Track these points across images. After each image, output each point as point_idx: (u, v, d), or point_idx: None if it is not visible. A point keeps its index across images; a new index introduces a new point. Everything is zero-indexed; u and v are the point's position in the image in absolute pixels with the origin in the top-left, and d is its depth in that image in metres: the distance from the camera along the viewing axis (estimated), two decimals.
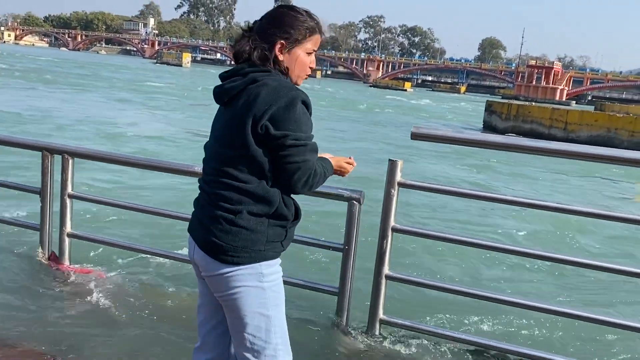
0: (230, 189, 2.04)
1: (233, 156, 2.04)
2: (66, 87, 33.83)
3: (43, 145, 4.49)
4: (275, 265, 2.14)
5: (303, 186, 2.07)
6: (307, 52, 2.18)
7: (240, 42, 2.12)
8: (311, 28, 2.16)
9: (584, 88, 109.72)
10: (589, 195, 14.28)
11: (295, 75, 2.18)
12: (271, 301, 2.12)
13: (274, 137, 1.98)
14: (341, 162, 2.39)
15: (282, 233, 2.13)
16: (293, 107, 1.99)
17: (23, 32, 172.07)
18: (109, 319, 3.71)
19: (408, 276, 3.87)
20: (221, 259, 2.05)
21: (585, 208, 3.55)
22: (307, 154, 2.04)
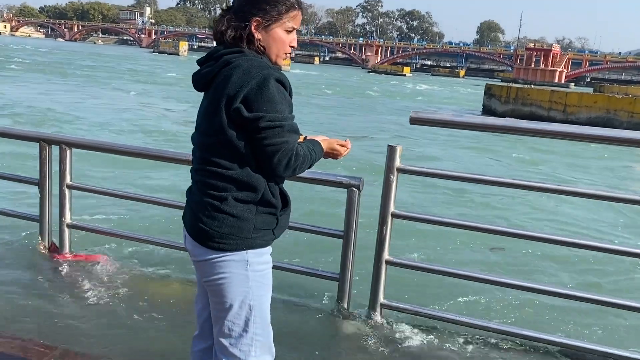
0: (215, 177, 2.02)
1: (213, 143, 2.00)
2: (93, 82, 32.88)
3: (40, 136, 4.48)
4: (264, 254, 2.10)
5: (285, 169, 1.98)
6: (287, 29, 2.09)
7: (218, 23, 2.06)
8: (289, 4, 2.07)
9: (582, 70, 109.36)
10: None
11: (273, 54, 2.09)
12: (255, 291, 2.09)
13: (247, 119, 1.91)
14: (334, 144, 2.28)
15: (273, 221, 2.08)
16: (265, 86, 1.90)
17: (19, 23, 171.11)
18: (109, 309, 3.72)
19: (408, 261, 3.88)
20: (207, 245, 2.04)
21: (585, 189, 3.56)
22: (285, 134, 1.95)
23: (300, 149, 2.02)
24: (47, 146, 4.39)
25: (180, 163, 4.10)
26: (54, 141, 4.40)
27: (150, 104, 23.72)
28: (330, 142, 2.28)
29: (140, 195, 4.61)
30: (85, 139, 4.86)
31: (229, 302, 2.08)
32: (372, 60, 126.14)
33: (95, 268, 4.32)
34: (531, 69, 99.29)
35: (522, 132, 3.50)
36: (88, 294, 3.91)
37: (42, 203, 4.48)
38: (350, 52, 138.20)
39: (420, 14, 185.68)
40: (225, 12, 2.08)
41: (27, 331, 3.36)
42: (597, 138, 3.33)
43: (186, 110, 21.98)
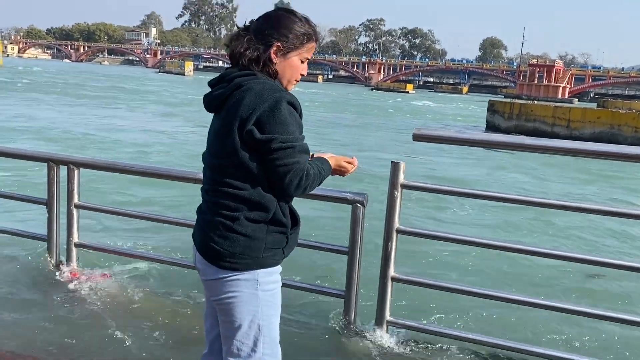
0: (227, 197, 2.05)
1: (225, 164, 2.04)
2: (115, 103, 32.44)
3: (48, 156, 4.53)
4: (273, 274, 2.12)
5: (296, 189, 2.03)
6: (301, 58, 2.16)
7: (236, 42, 2.09)
8: (309, 35, 2.14)
9: (586, 85, 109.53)
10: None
11: (286, 80, 2.15)
12: (264, 310, 2.10)
13: (260, 141, 1.96)
14: (341, 161, 2.31)
15: (283, 240, 2.11)
16: (277, 109, 1.95)
17: (26, 45, 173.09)
18: (116, 328, 3.73)
19: (414, 277, 3.88)
20: (219, 264, 2.06)
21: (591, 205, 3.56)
22: (296, 155, 1.99)
23: (310, 168, 2.05)
24: (55, 166, 4.44)
25: (188, 182, 4.14)
26: (61, 161, 4.45)
27: (180, 126, 23.52)
28: (338, 159, 2.30)
29: (146, 214, 4.64)
30: (92, 158, 4.92)
31: (238, 322, 2.09)
32: (375, 78, 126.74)
33: (102, 286, 4.33)
34: (534, 84, 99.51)
35: (525, 149, 3.53)
36: (94, 312, 3.93)
37: (50, 222, 4.52)
38: (353, 70, 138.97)
39: (423, 32, 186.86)
40: (245, 33, 2.10)
41: (32, 349, 3.37)
42: (602, 154, 3.34)
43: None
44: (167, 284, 4.63)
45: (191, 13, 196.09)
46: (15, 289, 4.30)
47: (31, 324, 3.73)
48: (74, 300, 4.12)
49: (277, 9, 2.18)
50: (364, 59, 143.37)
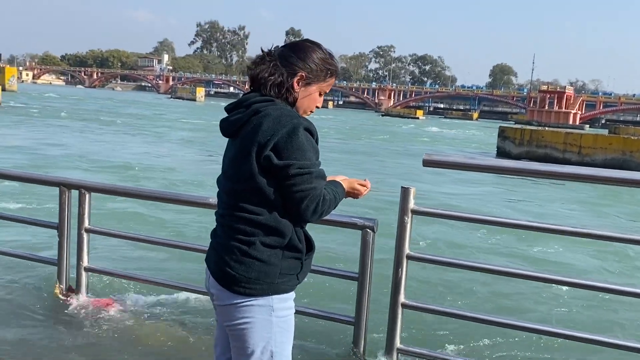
0: (243, 221, 2.05)
1: (242, 189, 2.05)
2: (145, 132, 31.20)
3: (60, 180, 4.57)
4: (288, 300, 2.12)
5: (313, 214, 2.04)
6: (320, 91, 2.20)
7: (260, 66, 2.11)
8: (332, 71, 2.18)
9: (597, 112, 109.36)
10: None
11: (302, 109, 2.18)
12: (277, 337, 2.10)
13: (277, 167, 1.98)
14: (354, 184, 2.33)
15: (297, 265, 2.11)
16: (295, 135, 1.98)
17: (41, 71, 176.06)
18: (124, 353, 3.71)
19: (425, 304, 3.84)
20: (234, 289, 2.05)
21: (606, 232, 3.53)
22: (313, 181, 2.01)
23: (326, 193, 2.07)
24: (66, 190, 4.48)
25: (198, 206, 4.15)
26: (73, 185, 4.48)
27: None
28: (351, 182, 2.33)
29: (156, 239, 4.65)
30: (103, 183, 4.95)
31: (250, 348, 2.08)
32: (385, 104, 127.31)
33: (111, 312, 4.32)
34: (545, 111, 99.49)
35: (535, 175, 3.51)
36: (103, 337, 3.92)
37: (61, 246, 4.54)
38: (364, 96, 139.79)
39: (433, 59, 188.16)
40: (270, 58, 2.12)
41: None
42: (614, 180, 3.32)
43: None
44: (177, 310, 4.60)
45: (203, 40, 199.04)
46: (24, 313, 4.30)
47: (40, 348, 3.72)
48: (83, 325, 4.11)
49: (304, 40, 2.22)
50: (374, 85, 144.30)
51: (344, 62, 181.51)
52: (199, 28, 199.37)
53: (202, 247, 4.19)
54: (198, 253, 4.28)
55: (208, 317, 4.30)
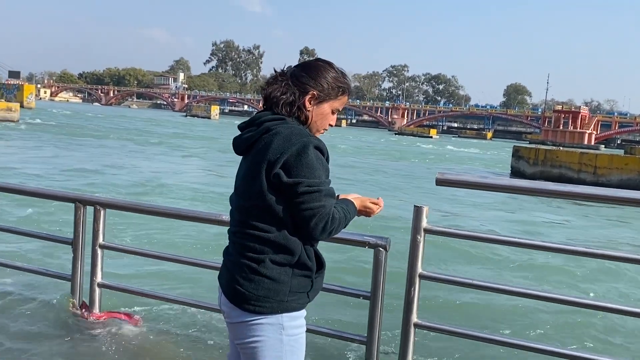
0: (253, 239, 2.06)
1: (252, 206, 2.07)
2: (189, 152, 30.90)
3: (76, 197, 4.62)
4: (298, 318, 2.11)
5: (321, 232, 2.04)
6: (333, 109, 2.22)
7: (273, 85, 2.15)
8: (344, 89, 2.21)
9: (612, 132, 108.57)
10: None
11: (315, 128, 2.20)
12: (288, 356, 2.09)
13: (287, 184, 1.99)
14: (366, 202, 2.32)
15: (308, 284, 2.11)
16: (305, 153, 1.99)
17: (58, 88, 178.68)
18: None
19: (437, 324, 3.81)
20: (243, 307, 2.06)
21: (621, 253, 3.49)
22: (322, 199, 2.02)
23: (336, 212, 2.07)
24: (82, 207, 4.52)
25: (211, 223, 4.17)
26: (88, 202, 4.53)
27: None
28: (363, 200, 2.32)
29: (170, 255, 4.67)
30: (118, 199, 5.00)
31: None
32: (399, 123, 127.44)
33: (125, 328, 4.34)
34: (559, 130, 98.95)
35: (549, 195, 3.49)
36: (115, 353, 3.93)
37: (75, 262, 4.57)
38: (377, 115, 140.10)
39: (446, 78, 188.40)
40: (283, 77, 2.16)
41: None
42: (630, 201, 3.29)
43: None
44: (189, 327, 4.60)
45: (218, 59, 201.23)
46: (37, 329, 4.33)
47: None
48: (95, 340, 4.12)
49: (316, 59, 2.25)
50: (388, 104, 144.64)
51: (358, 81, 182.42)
52: (215, 47, 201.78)
53: (215, 263, 4.21)
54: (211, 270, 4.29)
55: (220, 335, 4.30)
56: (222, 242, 2.27)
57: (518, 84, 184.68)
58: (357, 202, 2.28)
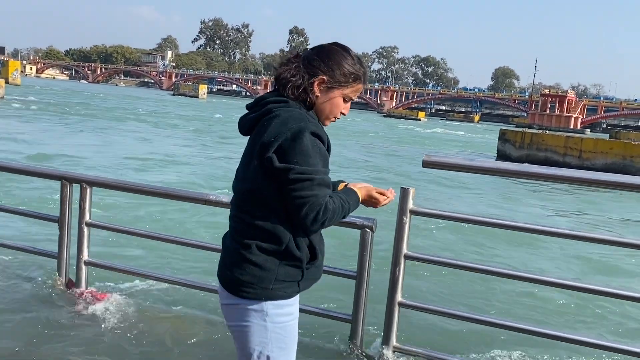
0: (244, 223, 2.04)
1: (245, 190, 2.03)
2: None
3: (62, 174, 4.59)
4: (285, 306, 2.06)
5: (312, 222, 1.94)
6: (345, 97, 2.11)
7: (284, 67, 2.08)
8: (357, 76, 2.11)
9: (598, 116, 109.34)
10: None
11: (324, 115, 2.10)
12: (274, 343, 2.06)
13: (278, 170, 1.92)
14: (372, 192, 2.21)
15: (297, 273, 2.05)
16: (299, 138, 1.91)
17: (44, 65, 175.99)
18: (122, 347, 3.74)
19: (421, 303, 3.87)
20: (230, 290, 2.06)
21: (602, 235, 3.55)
22: (314, 188, 1.92)
23: (330, 202, 1.98)
24: (68, 184, 4.50)
25: (198, 202, 4.18)
26: (75, 179, 4.51)
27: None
28: (369, 189, 2.22)
29: (157, 234, 4.68)
30: (105, 178, 4.97)
31: (247, 351, 2.08)
32: (387, 105, 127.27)
33: (110, 305, 4.35)
34: (546, 114, 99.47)
35: (533, 177, 3.53)
36: (101, 331, 3.95)
37: (61, 240, 4.56)
38: (366, 97, 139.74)
39: (435, 60, 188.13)
40: (295, 60, 2.09)
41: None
42: (612, 184, 3.34)
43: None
44: (175, 304, 4.63)
45: (207, 37, 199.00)
46: (24, 306, 4.33)
47: (38, 341, 3.75)
48: (82, 318, 4.14)
49: (332, 43, 2.15)
50: (377, 86, 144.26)
51: None
52: (203, 25, 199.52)
53: (202, 243, 4.24)
54: (198, 249, 4.32)
55: (206, 312, 4.34)
56: (209, 222, 2.28)
57: (506, 67, 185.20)
58: (362, 192, 2.19)
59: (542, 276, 3.77)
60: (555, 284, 3.66)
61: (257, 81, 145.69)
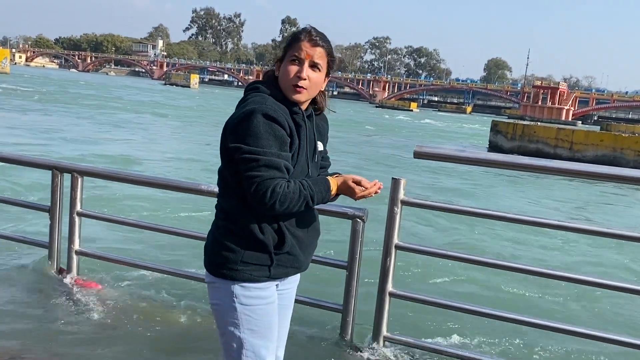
0: (217, 205, 2.16)
1: (219, 172, 2.13)
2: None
3: (53, 164, 4.58)
4: (253, 289, 2.09)
5: (261, 204, 1.95)
6: (291, 59, 2.08)
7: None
8: (288, 39, 2.14)
9: (589, 108, 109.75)
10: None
11: (284, 85, 2.09)
12: (244, 324, 2.10)
13: (229, 150, 1.99)
14: (348, 181, 2.17)
15: (265, 258, 2.07)
16: (249, 120, 1.95)
17: (34, 54, 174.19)
18: (113, 335, 3.76)
19: (412, 293, 3.90)
20: (207, 268, 2.16)
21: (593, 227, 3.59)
22: (260, 169, 1.93)
23: (283, 184, 1.96)
24: (59, 174, 4.49)
25: (190, 192, 4.18)
26: (66, 169, 4.50)
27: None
28: (346, 178, 2.18)
29: (148, 224, 4.68)
30: (96, 167, 4.96)
31: (222, 329, 2.16)
32: (380, 96, 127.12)
33: (101, 294, 4.36)
34: (538, 106, 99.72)
35: (524, 169, 3.56)
36: (92, 319, 3.95)
37: (52, 230, 4.56)
38: (358, 88, 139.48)
39: (428, 51, 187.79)
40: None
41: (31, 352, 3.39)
42: (602, 176, 3.36)
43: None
44: (165, 293, 4.64)
45: (198, 26, 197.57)
46: (15, 295, 4.33)
47: (28, 329, 3.75)
48: (73, 307, 4.14)
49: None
50: (369, 77, 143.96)
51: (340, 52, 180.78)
52: (195, 14, 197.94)
53: (193, 232, 4.23)
54: (188, 239, 4.32)
55: (195, 300, 4.35)
56: (201, 211, 2.30)
57: (499, 58, 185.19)
58: (338, 180, 2.18)
59: (531, 267, 3.80)
60: (543, 274, 3.69)
61: (249, 71, 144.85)
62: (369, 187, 2.18)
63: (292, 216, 2.09)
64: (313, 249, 2.28)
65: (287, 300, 2.35)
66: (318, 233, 2.27)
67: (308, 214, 2.17)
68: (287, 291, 2.32)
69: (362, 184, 2.17)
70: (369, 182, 2.19)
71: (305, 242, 2.18)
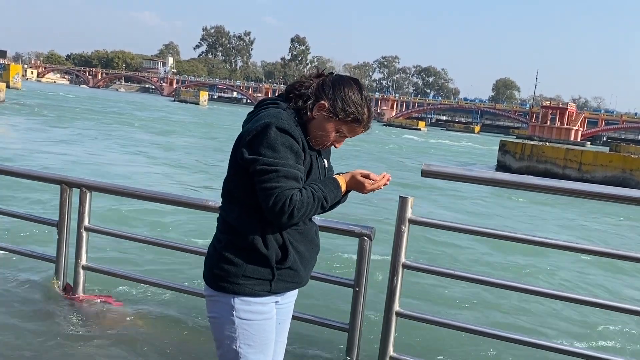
0: (220, 219, 2.15)
1: (225, 184, 2.12)
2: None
3: (61, 178, 4.60)
4: (254, 304, 2.09)
5: (279, 215, 1.96)
6: (339, 130, 2.11)
7: (305, 78, 2.15)
8: (357, 117, 2.10)
9: (598, 129, 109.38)
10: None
11: (313, 138, 2.11)
12: (242, 339, 2.10)
13: (246, 161, 1.98)
14: (357, 177, 2.18)
15: (267, 272, 2.07)
16: (266, 132, 1.95)
17: (45, 69, 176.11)
18: (118, 352, 3.73)
19: (419, 313, 3.86)
20: (206, 282, 2.15)
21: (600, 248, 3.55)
22: (280, 180, 1.94)
23: (297, 194, 1.98)
24: (67, 189, 4.51)
25: (197, 208, 4.18)
26: (74, 184, 4.52)
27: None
28: (354, 174, 2.20)
29: (155, 239, 4.68)
30: (105, 182, 4.97)
31: (218, 342, 2.16)
32: (388, 114, 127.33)
33: (108, 311, 4.35)
34: (547, 126, 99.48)
35: (532, 189, 3.54)
36: (98, 336, 3.94)
37: (60, 244, 4.56)
38: None
39: (436, 71, 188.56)
40: (316, 78, 2.15)
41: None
42: (611, 197, 3.35)
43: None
44: (172, 310, 4.62)
45: (208, 44, 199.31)
46: (21, 310, 4.32)
47: (34, 344, 3.74)
48: (78, 322, 4.13)
49: (352, 77, 2.17)
50: (377, 95, 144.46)
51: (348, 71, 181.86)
52: (205, 32, 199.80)
53: (199, 249, 4.23)
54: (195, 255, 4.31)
55: (202, 317, 4.33)
56: (208, 228, 2.30)
57: (507, 78, 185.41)
58: (346, 177, 2.19)
59: (542, 288, 3.76)
60: (554, 295, 3.65)
61: (258, 88, 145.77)
62: (377, 180, 2.20)
63: (296, 231, 2.10)
64: (313, 265, 2.29)
65: (285, 315, 2.34)
66: (318, 248, 2.28)
67: (310, 229, 2.18)
68: (286, 306, 2.32)
69: (371, 177, 2.20)
70: (377, 175, 2.21)
71: (306, 257, 2.18)
